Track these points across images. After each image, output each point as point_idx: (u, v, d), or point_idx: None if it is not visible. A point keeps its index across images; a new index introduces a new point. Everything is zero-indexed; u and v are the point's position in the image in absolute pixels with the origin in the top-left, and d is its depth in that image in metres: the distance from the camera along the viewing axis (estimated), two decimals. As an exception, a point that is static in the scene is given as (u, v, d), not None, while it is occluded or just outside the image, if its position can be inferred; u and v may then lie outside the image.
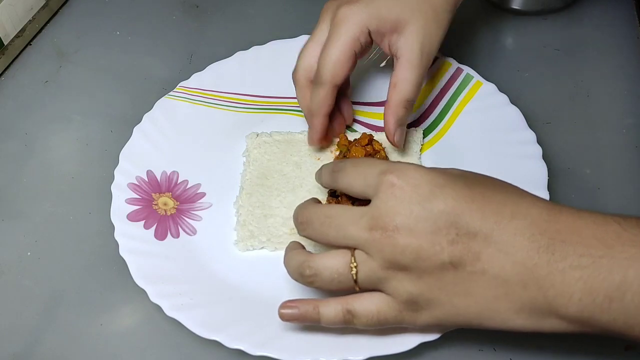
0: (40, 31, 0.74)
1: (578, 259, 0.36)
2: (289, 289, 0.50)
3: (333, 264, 0.41)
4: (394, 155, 0.56)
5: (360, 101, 0.62)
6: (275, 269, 0.51)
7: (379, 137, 0.57)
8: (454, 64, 0.62)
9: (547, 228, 0.37)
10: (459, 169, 0.42)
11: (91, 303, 0.52)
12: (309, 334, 0.46)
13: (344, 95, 0.58)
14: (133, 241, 0.52)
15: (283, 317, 0.43)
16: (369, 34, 0.51)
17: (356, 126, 0.61)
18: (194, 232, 0.54)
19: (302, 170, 0.56)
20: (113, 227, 0.52)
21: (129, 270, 0.49)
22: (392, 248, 0.39)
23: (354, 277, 0.41)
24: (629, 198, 0.55)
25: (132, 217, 0.53)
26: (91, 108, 0.66)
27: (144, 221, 0.53)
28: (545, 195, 0.51)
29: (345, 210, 0.41)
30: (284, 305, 0.44)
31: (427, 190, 0.39)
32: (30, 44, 0.73)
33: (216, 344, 0.46)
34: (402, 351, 0.45)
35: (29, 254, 0.55)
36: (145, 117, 0.60)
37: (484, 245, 0.38)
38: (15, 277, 0.54)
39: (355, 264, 0.40)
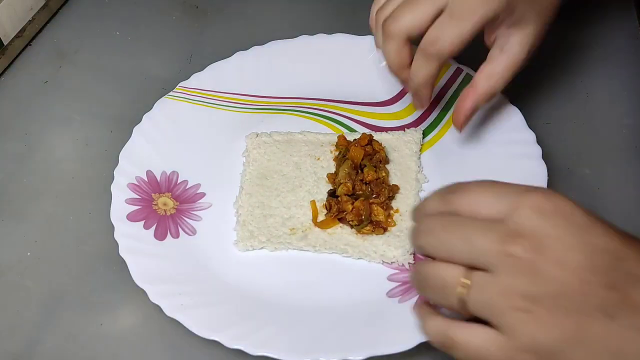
0: (40, 31, 0.74)
1: None
2: (289, 289, 0.50)
3: (440, 272, 0.35)
4: (393, 155, 0.56)
5: (360, 101, 0.62)
6: (275, 269, 0.51)
7: (379, 137, 0.57)
8: (454, 64, 0.62)
9: None
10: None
11: (91, 303, 0.52)
12: (309, 334, 0.46)
13: None
14: (133, 241, 0.52)
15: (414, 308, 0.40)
16: (493, 20, 0.48)
17: (356, 126, 0.60)
18: (193, 232, 0.54)
19: (302, 171, 0.56)
20: (113, 227, 0.52)
21: (129, 270, 0.49)
22: (530, 273, 0.32)
23: (463, 297, 0.34)
24: (628, 198, 0.55)
25: (132, 217, 0.53)
26: (91, 108, 0.66)
27: (143, 221, 0.53)
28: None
29: (472, 226, 0.34)
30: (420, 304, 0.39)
31: (583, 220, 0.33)
32: (30, 44, 0.73)
33: (216, 344, 0.46)
34: (402, 351, 0.45)
35: (29, 254, 0.55)
36: (145, 117, 0.60)
37: None
38: (15, 277, 0.54)
39: (468, 281, 0.34)
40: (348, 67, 0.64)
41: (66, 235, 0.56)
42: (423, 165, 0.57)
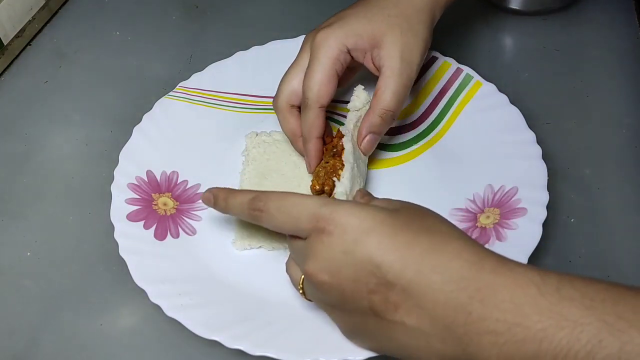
0: (40, 31, 0.74)
1: (494, 324, 0.35)
2: (289, 289, 0.50)
3: (295, 274, 0.45)
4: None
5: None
6: (276, 269, 0.51)
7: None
8: (453, 64, 0.62)
9: (466, 286, 0.36)
10: (401, 202, 0.43)
11: (91, 303, 0.52)
12: (309, 334, 0.46)
13: None
14: (133, 241, 0.52)
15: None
16: (348, 52, 0.53)
17: (356, 126, 0.60)
18: (193, 232, 0.54)
19: (301, 170, 0.56)
20: (113, 227, 0.52)
21: (128, 270, 0.49)
22: (321, 291, 0.41)
23: (302, 290, 0.45)
24: (628, 198, 0.55)
25: (131, 217, 0.53)
26: (91, 108, 0.66)
27: (143, 221, 0.53)
28: (545, 195, 0.51)
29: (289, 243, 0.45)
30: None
31: (351, 237, 0.39)
32: (30, 44, 0.73)
33: (216, 344, 0.46)
34: (402, 351, 0.45)
35: (28, 254, 0.55)
36: (145, 117, 0.60)
37: (403, 298, 0.38)
38: (15, 277, 0.54)
39: (301, 286, 0.45)
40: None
41: (66, 235, 0.56)
42: (423, 165, 0.57)
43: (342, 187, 0.49)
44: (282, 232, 0.44)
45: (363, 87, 0.54)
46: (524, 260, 0.47)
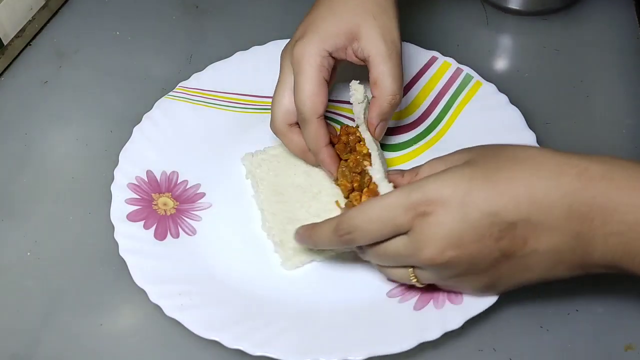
0: (39, 31, 0.74)
1: (617, 226, 0.39)
2: (290, 289, 0.50)
3: (395, 271, 0.45)
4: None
5: (360, 101, 0.62)
6: (276, 269, 0.51)
7: None
8: (453, 64, 0.62)
9: (582, 196, 0.39)
10: (464, 152, 0.45)
11: (91, 303, 0.52)
12: (309, 334, 0.46)
13: None
14: (133, 241, 0.52)
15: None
16: (330, 55, 0.52)
17: (356, 126, 0.60)
18: (193, 232, 0.54)
19: (314, 177, 0.55)
20: (113, 227, 0.52)
21: (129, 271, 0.49)
22: (447, 267, 0.42)
23: (416, 281, 0.45)
24: (628, 198, 0.55)
25: (132, 217, 0.53)
26: (91, 108, 0.66)
27: (143, 221, 0.53)
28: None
29: (392, 250, 0.43)
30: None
31: (456, 205, 0.40)
32: (30, 44, 0.73)
33: (216, 344, 0.46)
34: (402, 351, 0.45)
35: (28, 254, 0.55)
36: (145, 117, 0.60)
37: (528, 230, 0.40)
38: (15, 277, 0.54)
39: (413, 274, 0.44)
40: (348, 67, 0.64)
41: (66, 235, 0.56)
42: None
43: (378, 172, 0.49)
44: (381, 239, 0.43)
45: (357, 80, 0.54)
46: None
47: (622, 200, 0.38)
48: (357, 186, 0.51)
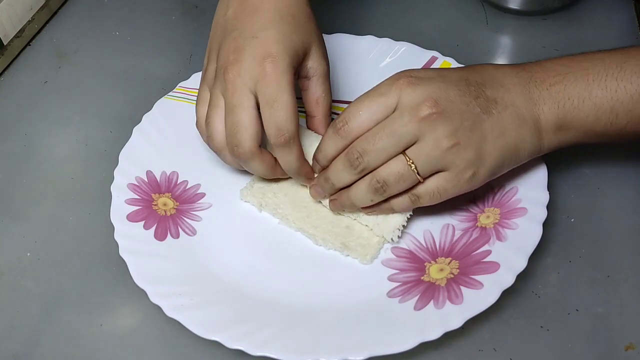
0: (39, 31, 0.74)
1: (553, 79, 0.49)
2: (289, 289, 0.50)
3: (393, 169, 0.47)
4: None
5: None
6: (275, 269, 0.51)
7: None
8: (453, 64, 0.62)
9: (523, 67, 0.50)
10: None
11: (91, 303, 0.52)
12: (309, 334, 0.46)
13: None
14: (133, 242, 0.52)
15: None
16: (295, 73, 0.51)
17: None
18: (193, 232, 0.54)
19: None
20: (113, 228, 0.52)
21: (128, 271, 0.49)
22: (444, 120, 0.46)
23: (416, 171, 0.47)
24: (628, 198, 0.55)
25: (131, 217, 0.53)
26: (91, 108, 0.66)
27: (143, 222, 0.53)
28: (545, 195, 0.51)
29: (386, 123, 0.47)
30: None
31: (435, 72, 0.48)
32: (30, 44, 0.73)
33: (216, 344, 0.46)
34: (402, 351, 0.45)
35: (28, 254, 0.55)
36: (145, 117, 0.60)
37: (494, 91, 0.48)
38: (15, 277, 0.54)
39: (410, 160, 0.46)
40: (348, 67, 0.64)
41: (66, 235, 0.56)
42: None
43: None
44: (378, 115, 0.47)
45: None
46: (524, 261, 0.47)
47: (552, 65, 0.49)
48: None
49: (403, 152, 0.47)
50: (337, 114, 0.61)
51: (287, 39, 0.50)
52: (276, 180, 0.56)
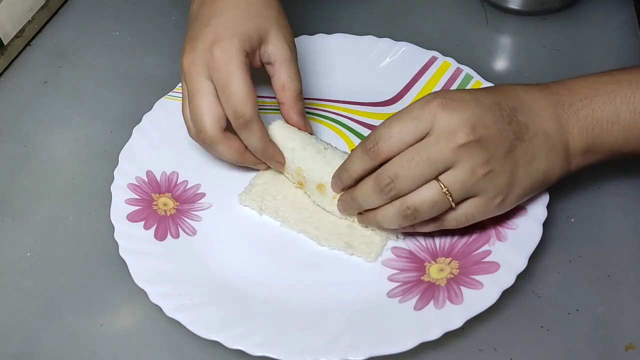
0: (39, 31, 0.74)
1: (581, 102, 0.48)
2: (290, 290, 0.50)
3: (427, 196, 0.45)
4: None
5: (360, 101, 0.62)
6: (276, 269, 0.51)
7: None
8: (453, 64, 0.62)
9: (550, 90, 0.49)
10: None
11: (91, 303, 0.52)
12: (309, 334, 0.46)
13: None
14: (133, 242, 0.52)
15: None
16: (247, 56, 0.52)
17: (355, 126, 0.60)
18: (193, 232, 0.54)
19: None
20: (113, 228, 0.52)
21: (129, 271, 0.49)
22: (481, 148, 0.45)
23: (450, 199, 0.45)
24: (629, 198, 0.55)
25: (131, 217, 0.53)
26: (91, 108, 0.66)
27: (143, 222, 0.53)
28: (545, 195, 0.51)
29: (420, 149, 0.45)
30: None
31: (468, 95, 0.47)
32: (30, 44, 0.73)
33: (216, 344, 0.46)
34: (402, 351, 0.45)
35: (28, 254, 0.55)
36: (145, 117, 0.60)
37: (525, 116, 0.47)
38: (15, 277, 0.54)
39: (445, 188, 0.45)
40: (348, 67, 0.64)
41: (66, 235, 0.56)
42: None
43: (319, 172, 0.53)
44: (409, 138, 0.46)
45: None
46: (524, 261, 0.47)
47: (578, 86, 0.49)
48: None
49: (436, 178, 0.45)
50: (337, 114, 0.61)
51: (237, 25, 0.51)
52: (274, 183, 0.56)
